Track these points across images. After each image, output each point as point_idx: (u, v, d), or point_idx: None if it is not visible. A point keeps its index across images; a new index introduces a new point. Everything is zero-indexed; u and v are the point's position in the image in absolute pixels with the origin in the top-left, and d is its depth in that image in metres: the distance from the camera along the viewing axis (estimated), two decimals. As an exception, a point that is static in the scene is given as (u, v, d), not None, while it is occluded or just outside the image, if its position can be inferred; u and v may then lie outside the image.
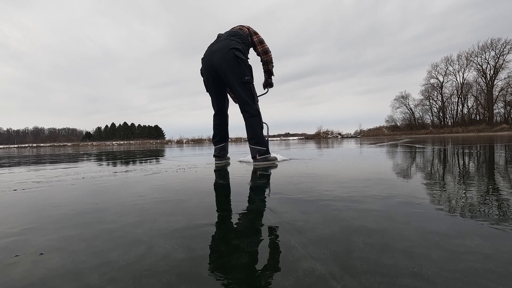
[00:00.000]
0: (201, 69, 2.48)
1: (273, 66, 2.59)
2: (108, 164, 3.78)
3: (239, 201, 1.28)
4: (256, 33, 2.44)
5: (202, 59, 2.39)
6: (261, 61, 2.54)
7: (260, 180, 1.88)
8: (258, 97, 2.53)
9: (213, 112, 2.70)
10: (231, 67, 2.17)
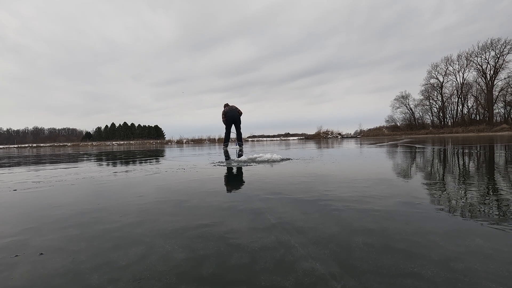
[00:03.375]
0: (228, 116, 8.78)
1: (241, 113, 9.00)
2: (108, 165, 3.78)
3: (239, 201, 1.28)
4: (240, 111, 8.93)
5: (229, 113, 8.77)
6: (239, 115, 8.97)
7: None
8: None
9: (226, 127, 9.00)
10: (238, 120, 8.95)
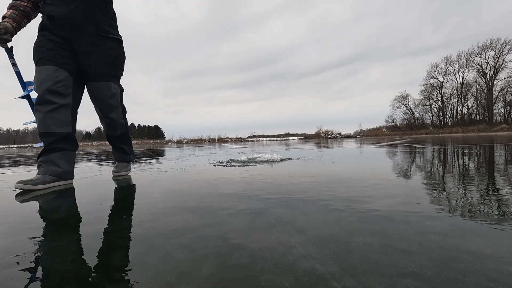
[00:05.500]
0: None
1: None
2: (108, 165, 3.78)
3: (239, 201, 1.28)
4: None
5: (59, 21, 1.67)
6: None
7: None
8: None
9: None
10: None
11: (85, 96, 1.91)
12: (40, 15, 1.65)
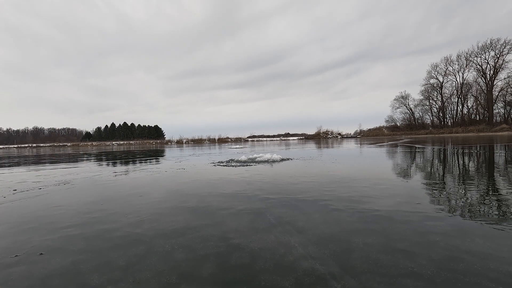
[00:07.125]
0: None
1: None
2: (108, 165, 3.78)
3: (239, 201, 1.28)
4: None
5: None
6: None
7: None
8: None
9: None
10: None
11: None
12: None
